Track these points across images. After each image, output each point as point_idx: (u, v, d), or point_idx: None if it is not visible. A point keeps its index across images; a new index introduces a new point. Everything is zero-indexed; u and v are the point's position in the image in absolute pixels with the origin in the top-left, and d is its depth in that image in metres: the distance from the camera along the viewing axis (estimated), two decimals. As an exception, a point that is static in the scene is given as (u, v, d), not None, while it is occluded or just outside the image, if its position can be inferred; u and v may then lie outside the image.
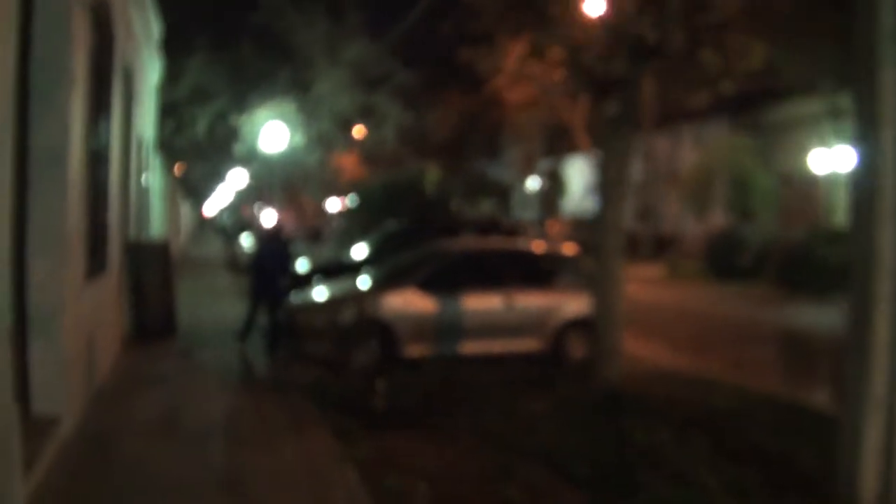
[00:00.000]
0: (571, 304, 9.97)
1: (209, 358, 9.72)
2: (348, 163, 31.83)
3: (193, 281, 18.05)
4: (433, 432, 6.72)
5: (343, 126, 27.56)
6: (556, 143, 32.19)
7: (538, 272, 10.36)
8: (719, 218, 23.66)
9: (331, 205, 43.51)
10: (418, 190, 27.95)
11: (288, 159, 26.95)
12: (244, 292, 14.27)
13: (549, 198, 39.66)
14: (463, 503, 5.28)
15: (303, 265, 13.78)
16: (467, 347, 9.67)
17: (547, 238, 22.62)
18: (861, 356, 3.86)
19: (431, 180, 30.48)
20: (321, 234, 34.88)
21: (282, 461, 5.83)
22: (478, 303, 9.77)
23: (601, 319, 8.09)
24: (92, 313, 7.23)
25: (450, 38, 9.77)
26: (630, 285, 10.00)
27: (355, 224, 28.88)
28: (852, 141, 4.15)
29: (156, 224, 16.32)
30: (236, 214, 55.67)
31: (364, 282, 10.45)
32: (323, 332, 9.44)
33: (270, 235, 10.94)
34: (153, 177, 15.79)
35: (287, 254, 10.83)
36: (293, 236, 17.32)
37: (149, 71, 14.34)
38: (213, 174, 35.97)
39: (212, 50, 24.60)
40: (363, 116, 27.38)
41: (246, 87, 25.64)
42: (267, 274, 10.38)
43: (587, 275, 10.18)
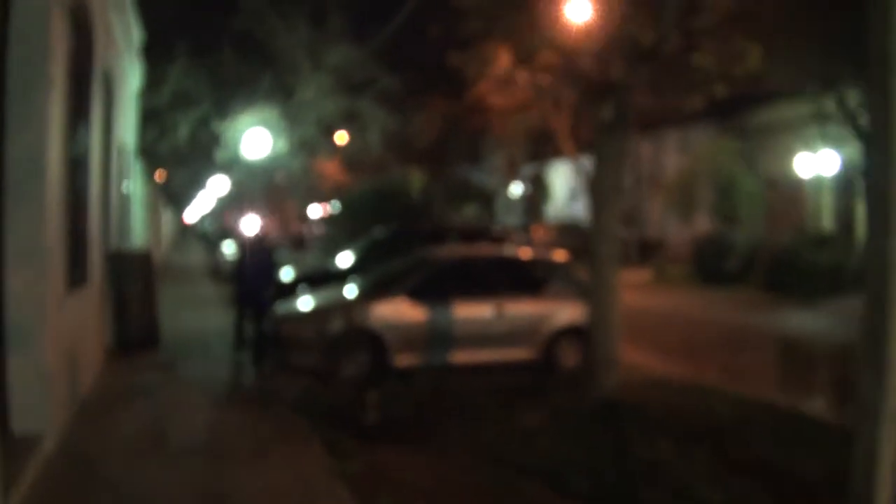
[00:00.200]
0: (563, 312, 9.85)
1: (193, 369, 9.52)
2: (331, 169, 31.62)
3: (176, 290, 17.79)
4: (425, 445, 6.58)
5: (326, 131, 27.35)
6: (540, 149, 32.09)
7: (529, 279, 10.21)
8: (704, 222, 23.66)
9: (313, 211, 43.27)
10: (403, 196, 27.73)
11: (271, 165, 26.73)
12: (228, 301, 14.06)
13: (533, 203, 39.66)
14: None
15: (287, 274, 13.52)
16: (458, 357, 9.51)
17: (533, 244, 22.49)
18: (876, 369, 3.74)
19: (416, 186, 30.30)
20: (304, 242, 34.60)
21: (269, 477, 5.66)
22: (468, 311, 9.61)
23: (597, 328, 7.95)
24: (73, 326, 7.00)
25: (435, 42, 9.59)
26: (618, 291, 9.88)
27: (339, 230, 28.64)
28: (865, 148, 4.07)
29: (137, 232, 16.05)
30: (218, 221, 55.30)
31: (351, 290, 10.26)
32: (310, 343, 9.24)
33: (254, 243, 10.64)
34: (134, 184, 15.54)
35: (271, 262, 10.59)
36: (277, 244, 17.05)
37: (129, 77, 14.12)
38: (195, 181, 35.64)
39: (193, 56, 24.34)
40: (347, 121, 27.18)
41: (228, 93, 25.42)
42: (250, 283, 10.16)
43: (578, 282, 10.07)
